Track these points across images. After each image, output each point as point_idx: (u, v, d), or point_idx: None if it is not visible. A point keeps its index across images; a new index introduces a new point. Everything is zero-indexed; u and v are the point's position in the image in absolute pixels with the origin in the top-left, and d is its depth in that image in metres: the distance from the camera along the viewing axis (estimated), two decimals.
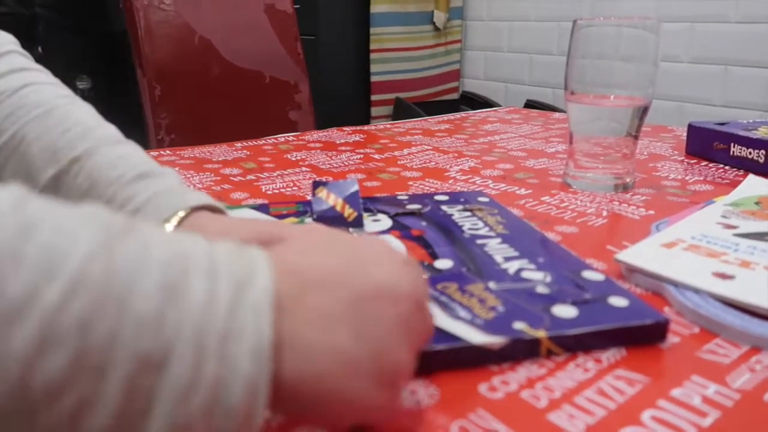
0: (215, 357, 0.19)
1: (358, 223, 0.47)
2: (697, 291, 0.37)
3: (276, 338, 0.20)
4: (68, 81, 0.47)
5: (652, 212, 0.54)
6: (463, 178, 0.66)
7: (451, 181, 0.65)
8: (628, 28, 0.59)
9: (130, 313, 0.18)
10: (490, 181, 0.65)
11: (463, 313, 0.33)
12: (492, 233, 0.46)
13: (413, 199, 0.55)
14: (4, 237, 0.17)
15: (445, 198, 0.55)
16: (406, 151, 0.80)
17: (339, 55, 2.20)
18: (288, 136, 0.90)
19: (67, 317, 0.17)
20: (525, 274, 0.38)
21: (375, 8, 2.20)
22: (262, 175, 0.67)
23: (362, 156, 0.77)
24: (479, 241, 0.44)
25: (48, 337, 0.16)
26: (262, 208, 0.52)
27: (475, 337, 0.31)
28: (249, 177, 0.67)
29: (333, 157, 0.76)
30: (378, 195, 0.57)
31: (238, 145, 0.83)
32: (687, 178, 0.66)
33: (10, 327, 0.16)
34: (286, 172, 0.69)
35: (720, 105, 1.78)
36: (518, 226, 0.48)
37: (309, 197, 0.51)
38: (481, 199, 0.55)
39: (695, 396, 0.28)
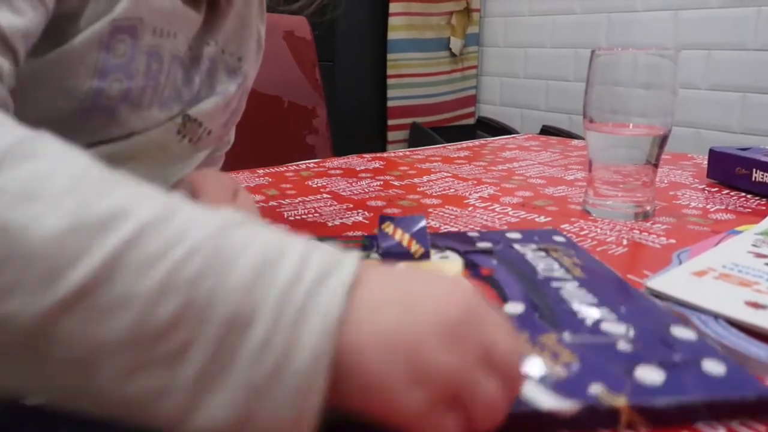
0: (289, 326, 0.21)
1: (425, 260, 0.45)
2: (717, 319, 0.36)
3: (342, 320, 0.22)
4: None
5: (673, 241, 0.54)
6: (483, 205, 0.67)
7: (470, 209, 0.65)
8: (646, 57, 0.60)
9: (229, 278, 0.22)
10: (509, 209, 0.65)
11: (533, 369, 0.30)
12: (568, 276, 0.42)
13: (484, 236, 0.51)
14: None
15: (518, 236, 0.51)
16: (425, 178, 0.80)
17: (356, 81, 2.23)
18: (309, 163, 0.91)
19: (184, 272, 0.21)
20: (605, 326, 0.35)
21: (392, 35, 2.24)
22: (284, 202, 0.68)
23: (382, 183, 0.78)
24: (554, 284, 0.41)
25: (168, 284, 0.21)
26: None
27: (544, 401, 0.27)
28: (271, 203, 0.68)
29: (353, 184, 0.77)
30: (447, 230, 0.56)
31: (260, 171, 0.84)
32: (708, 206, 0.66)
33: (145, 271, 0.21)
34: (307, 199, 0.69)
35: (739, 132, 1.77)
36: (597, 269, 0.44)
37: (375, 231, 0.49)
38: (556, 238, 0.51)
39: (720, 427, 0.28)
